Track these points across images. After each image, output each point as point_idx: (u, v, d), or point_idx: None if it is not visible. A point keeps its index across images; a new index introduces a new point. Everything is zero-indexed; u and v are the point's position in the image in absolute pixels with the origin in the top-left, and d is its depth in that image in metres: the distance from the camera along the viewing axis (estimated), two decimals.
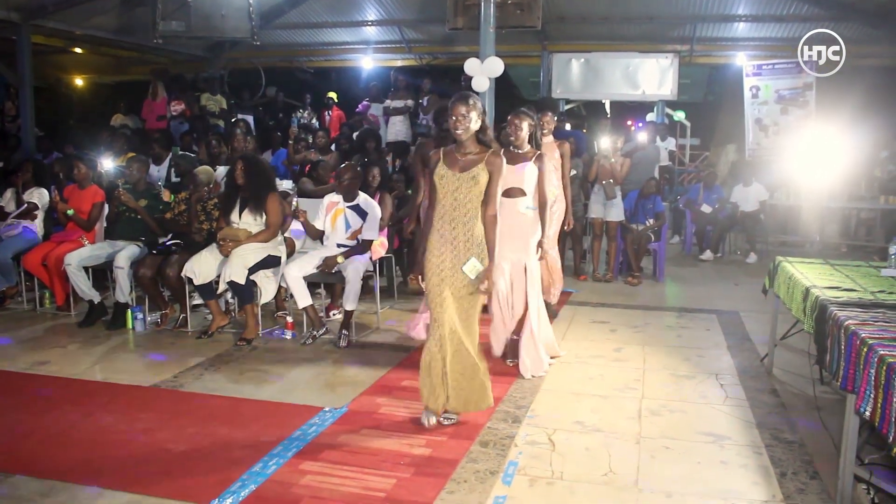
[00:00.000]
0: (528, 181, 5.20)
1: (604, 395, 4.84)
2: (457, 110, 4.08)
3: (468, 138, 4.12)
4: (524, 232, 5.21)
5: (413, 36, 14.12)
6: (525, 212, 5.21)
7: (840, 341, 3.46)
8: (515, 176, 5.15)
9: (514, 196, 5.17)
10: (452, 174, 4.11)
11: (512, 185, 5.13)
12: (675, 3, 11.69)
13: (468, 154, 4.15)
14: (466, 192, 4.09)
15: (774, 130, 12.00)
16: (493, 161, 4.10)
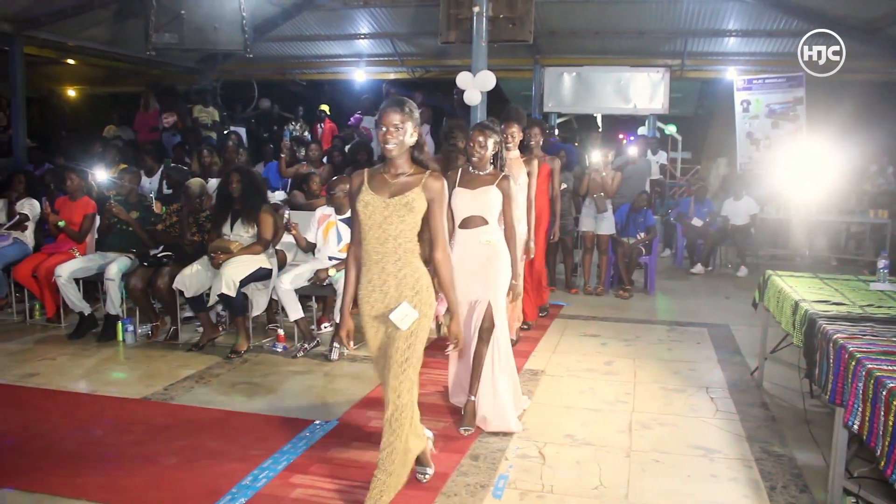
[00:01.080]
0: (490, 209, 4.44)
1: (594, 409, 4.85)
2: (388, 119, 3.23)
3: (400, 155, 3.28)
4: (483, 267, 4.40)
5: (405, 49, 14.18)
6: (485, 244, 4.41)
7: (829, 355, 3.48)
8: (476, 203, 4.44)
9: (474, 226, 4.45)
10: (381, 199, 3.26)
11: (472, 213, 4.45)
12: (666, 17, 11.78)
13: (400, 175, 3.31)
14: (398, 221, 3.25)
15: (765, 144, 12.09)
16: (432, 185, 3.27)
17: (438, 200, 3.29)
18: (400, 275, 3.29)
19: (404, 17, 12.79)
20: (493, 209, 4.45)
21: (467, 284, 4.29)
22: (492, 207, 4.44)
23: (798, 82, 11.66)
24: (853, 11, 10.46)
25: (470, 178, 4.49)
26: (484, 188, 4.43)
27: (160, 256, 6.50)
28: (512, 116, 5.85)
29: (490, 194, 4.43)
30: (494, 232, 4.48)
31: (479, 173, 4.48)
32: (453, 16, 8.97)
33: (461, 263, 4.21)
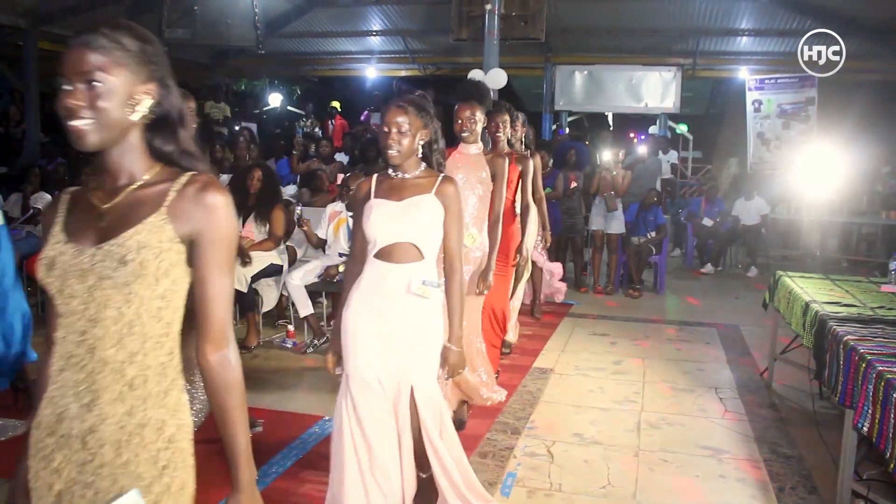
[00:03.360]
0: (426, 231, 2.91)
1: (603, 408, 4.85)
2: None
3: None
4: (410, 333, 2.90)
5: (417, 46, 14.19)
6: (418, 292, 2.87)
7: (839, 356, 3.47)
8: (404, 221, 2.89)
9: (399, 259, 2.89)
10: None
11: (396, 237, 2.88)
12: (678, 16, 11.75)
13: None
14: None
15: (776, 144, 12.02)
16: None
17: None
18: None
19: (416, 14, 12.80)
20: (429, 232, 2.92)
21: (375, 352, 2.87)
22: (428, 229, 2.91)
23: (810, 83, 11.58)
24: (866, 11, 10.42)
25: (392, 183, 2.96)
26: (415, 198, 2.90)
27: None
28: (471, 94, 4.25)
29: (424, 207, 2.89)
30: (432, 273, 2.93)
31: (405, 176, 2.94)
32: (465, 13, 8.99)
33: (370, 315, 2.89)
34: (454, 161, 4.05)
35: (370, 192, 2.98)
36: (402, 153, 2.87)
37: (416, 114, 2.90)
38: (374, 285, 2.90)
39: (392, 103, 2.93)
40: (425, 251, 2.90)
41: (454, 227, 2.97)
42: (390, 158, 2.88)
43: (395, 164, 2.91)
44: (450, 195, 2.93)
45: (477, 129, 4.18)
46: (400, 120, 2.86)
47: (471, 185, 4.10)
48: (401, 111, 2.88)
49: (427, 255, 2.91)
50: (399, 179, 2.95)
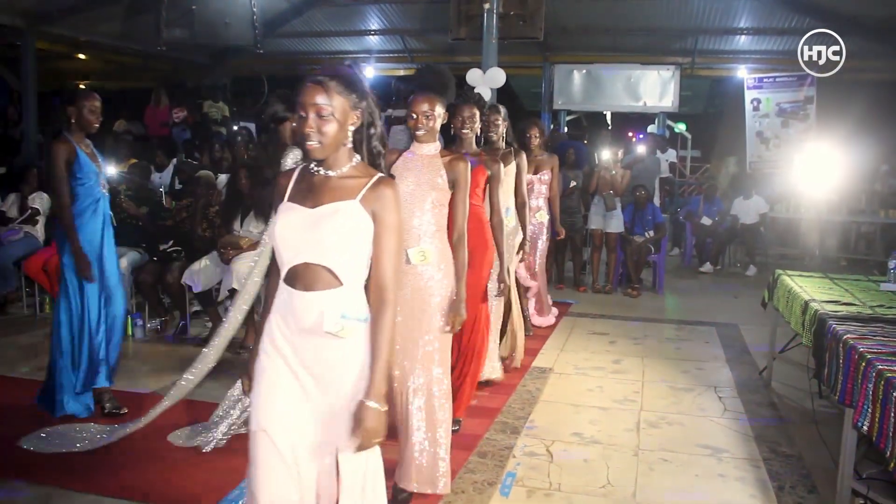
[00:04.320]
0: (343, 248, 2.22)
1: (602, 407, 4.85)
2: None
3: None
4: (328, 380, 2.27)
5: (415, 45, 14.17)
6: (335, 329, 2.21)
7: (838, 355, 3.47)
8: (315, 234, 2.22)
9: (311, 286, 2.23)
10: None
11: (307, 256, 2.23)
12: (676, 15, 11.75)
13: None
14: None
15: (775, 143, 12.04)
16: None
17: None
18: None
19: (414, 13, 12.79)
20: (348, 250, 2.22)
21: (286, 410, 2.27)
22: (346, 246, 2.22)
23: (809, 81, 11.61)
24: (865, 10, 10.42)
25: (312, 183, 2.29)
26: (333, 205, 2.22)
27: (170, 251, 6.53)
28: (429, 83, 3.80)
29: (342, 217, 2.21)
30: (355, 304, 2.25)
31: (329, 174, 2.27)
32: (464, 12, 8.98)
33: (279, 359, 2.28)
34: (404, 163, 3.50)
35: (285, 190, 2.34)
36: (324, 144, 2.19)
37: (343, 92, 2.20)
38: (283, 319, 2.28)
39: (308, 79, 2.22)
40: (343, 275, 2.21)
41: (388, 244, 2.24)
42: (311, 152, 2.22)
43: (317, 159, 2.26)
44: (383, 202, 2.22)
45: (434, 125, 3.51)
46: (320, 101, 2.17)
47: (422, 193, 3.43)
48: (319, 89, 2.18)
49: (347, 280, 2.21)
50: (321, 178, 2.27)
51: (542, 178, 6.51)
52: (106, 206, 4.52)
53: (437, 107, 3.49)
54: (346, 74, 2.26)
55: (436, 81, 3.79)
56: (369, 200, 2.22)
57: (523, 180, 5.42)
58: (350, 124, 2.25)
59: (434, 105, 3.48)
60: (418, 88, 3.61)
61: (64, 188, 4.26)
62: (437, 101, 3.50)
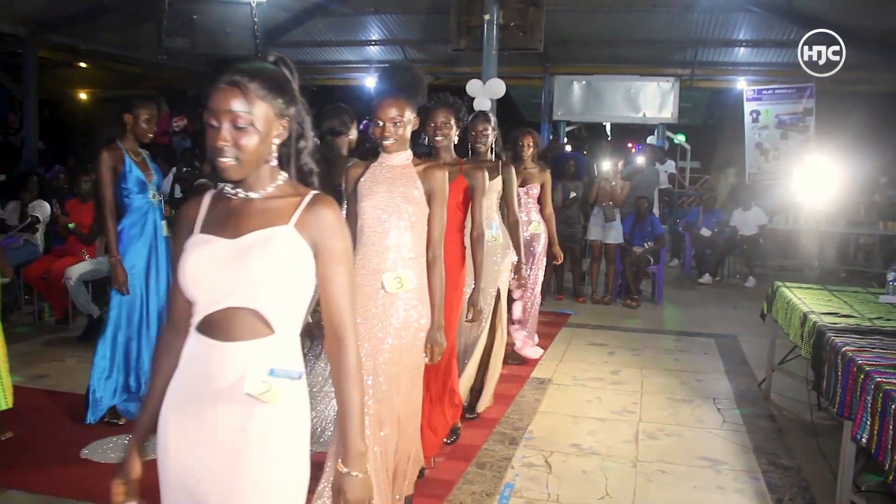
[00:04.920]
0: (271, 287, 1.73)
1: (601, 418, 4.84)
2: None
3: None
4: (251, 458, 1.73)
5: (416, 56, 14.20)
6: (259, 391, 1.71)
7: (837, 367, 3.47)
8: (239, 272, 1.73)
9: (229, 334, 1.73)
10: None
11: (226, 300, 1.73)
12: (676, 27, 11.79)
13: None
14: None
15: (774, 155, 12.06)
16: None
17: None
18: None
19: (415, 23, 12.82)
20: (282, 288, 1.75)
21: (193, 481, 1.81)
22: (279, 283, 1.74)
23: (808, 93, 11.65)
24: (864, 22, 10.44)
25: (230, 208, 1.83)
26: (260, 234, 1.76)
27: None
28: (396, 84, 3.36)
29: (272, 248, 1.74)
30: (288, 357, 1.78)
31: (251, 196, 1.81)
32: (464, 23, 8.99)
33: (189, 436, 1.77)
34: (372, 176, 3.08)
35: (195, 221, 1.84)
36: (242, 162, 1.73)
37: (266, 95, 1.74)
38: (195, 379, 1.74)
39: (223, 80, 1.74)
40: (275, 320, 1.72)
41: (338, 278, 1.78)
42: (225, 170, 1.73)
43: (233, 179, 1.77)
44: (324, 226, 1.76)
45: (404, 132, 3.07)
46: (237, 107, 1.71)
47: (396, 209, 3.02)
48: (236, 92, 1.71)
49: (279, 326, 1.73)
50: (241, 202, 1.80)
51: (530, 191, 5.99)
52: (157, 218, 4.44)
53: (406, 111, 3.05)
54: (270, 73, 1.79)
55: (404, 82, 3.27)
56: (306, 225, 1.76)
57: (513, 197, 4.93)
58: (275, 136, 1.79)
59: (403, 109, 3.04)
60: (384, 90, 3.17)
61: (108, 194, 4.22)
62: (406, 104, 3.05)
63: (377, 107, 3.06)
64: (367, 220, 3.03)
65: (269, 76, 1.78)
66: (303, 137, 1.88)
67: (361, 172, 3.14)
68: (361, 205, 3.06)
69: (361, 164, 3.19)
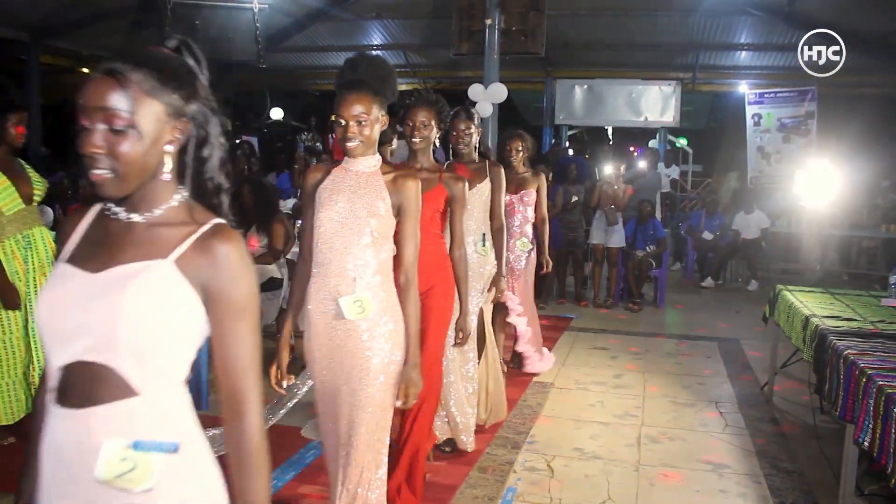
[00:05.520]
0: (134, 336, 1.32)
1: (603, 422, 4.84)
2: None
3: None
4: None
5: (417, 61, 14.25)
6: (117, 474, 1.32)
7: (839, 371, 3.47)
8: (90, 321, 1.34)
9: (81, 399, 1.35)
10: None
11: (72, 354, 1.36)
12: (678, 31, 11.80)
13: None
14: None
15: (776, 158, 12.06)
16: None
17: None
18: None
19: (417, 28, 12.86)
20: (151, 338, 1.34)
21: None
22: (145, 332, 1.33)
23: (810, 96, 11.65)
24: (866, 25, 10.44)
25: (108, 232, 1.44)
26: (127, 268, 1.37)
27: None
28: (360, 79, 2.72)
29: (137, 289, 1.34)
30: (158, 426, 1.37)
31: (134, 219, 1.42)
32: (466, 28, 9.02)
33: None
34: (333, 183, 2.69)
35: (66, 244, 1.46)
36: (120, 174, 1.33)
37: (153, 89, 1.35)
38: (58, 467, 1.37)
39: (99, 66, 1.36)
40: (140, 379, 1.34)
41: (235, 335, 1.40)
42: (99, 185, 1.35)
43: (110, 196, 1.38)
44: (220, 267, 1.37)
45: (371, 133, 2.67)
46: (113, 104, 1.32)
47: (357, 223, 2.63)
48: (113, 84, 1.33)
49: (147, 386, 1.34)
50: (120, 225, 1.41)
51: (524, 198, 5.51)
52: None
53: (373, 109, 2.64)
54: (161, 60, 1.40)
55: (370, 73, 2.77)
56: (194, 263, 1.37)
57: (500, 200, 4.50)
58: (167, 142, 1.39)
59: (370, 105, 2.63)
60: (347, 84, 2.70)
61: None
62: (373, 100, 2.65)
63: (338, 103, 2.65)
64: (324, 235, 2.65)
65: (160, 64, 1.38)
66: (206, 144, 1.47)
67: (321, 177, 2.74)
68: (318, 216, 2.66)
69: (321, 168, 2.82)
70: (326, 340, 2.67)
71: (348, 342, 2.63)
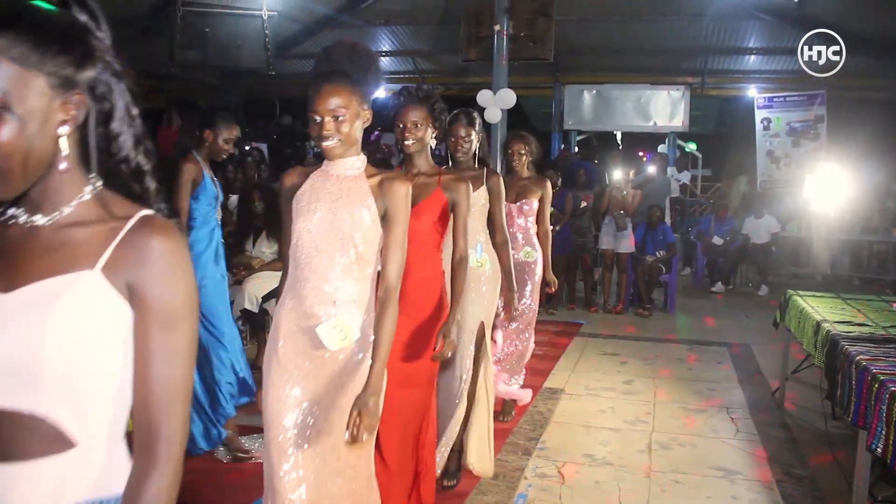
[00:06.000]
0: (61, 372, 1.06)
1: (614, 428, 4.83)
2: None
3: None
4: None
5: (426, 67, 14.27)
6: None
7: (851, 377, 3.45)
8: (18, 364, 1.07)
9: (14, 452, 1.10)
10: None
11: None
12: (686, 35, 11.79)
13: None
14: None
15: (786, 162, 12.04)
16: None
17: None
18: None
19: (425, 34, 12.88)
20: (89, 373, 1.10)
21: None
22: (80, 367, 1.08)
23: (819, 100, 11.62)
24: (875, 29, 10.42)
25: (8, 240, 1.14)
26: (45, 285, 1.09)
27: None
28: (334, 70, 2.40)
29: (64, 310, 1.07)
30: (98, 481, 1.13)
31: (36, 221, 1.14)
32: (474, 34, 9.04)
33: None
34: (312, 189, 2.38)
35: None
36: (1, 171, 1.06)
37: (28, 56, 1.06)
38: None
39: None
40: (77, 427, 1.10)
41: (161, 349, 1.12)
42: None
43: None
44: (148, 263, 1.12)
45: (351, 130, 2.34)
46: None
47: (339, 236, 2.31)
48: None
49: (85, 435, 1.11)
50: (22, 231, 1.15)
51: (524, 207, 4.95)
52: (219, 237, 4.23)
53: (353, 102, 2.31)
54: (38, 19, 1.09)
55: (350, 63, 2.40)
56: (122, 267, 1.10)
57: (501, 211, 4.01)
58: (59, 122, 1.10)
59: (349, 99, 2.30)
60: (322, 75, 2.37)
61: (185, 206, 4.03)
62: (352, 93, 2.32)
63: (312, 96, 2.31)
64: (301, 250, 2.33)
65: (35, 24, 1.07)
66: (112, 118, 1.18)
67: (299, 182, 2.42)
68: (295, 227, 2.35)
69: (298, 171, 2.48)
70: (301, 361, 2.32)
71: (321, 374, 2.30)
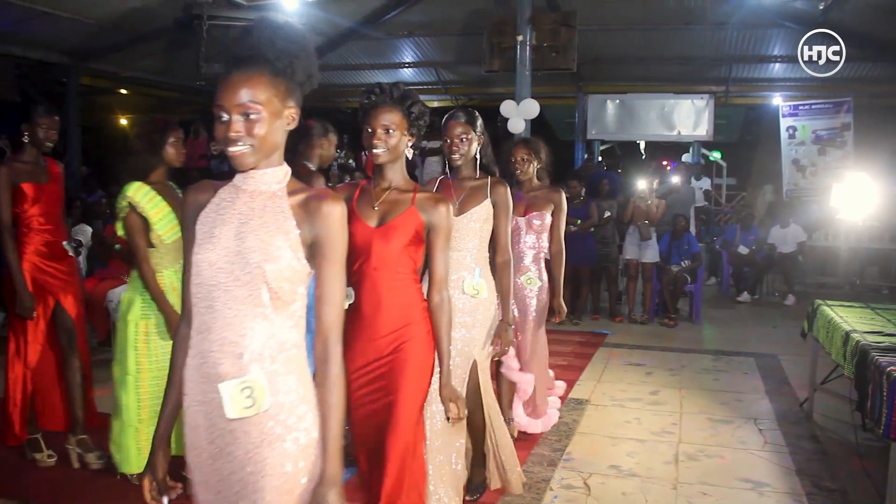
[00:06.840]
0: None
1: (640, 439, 4.80)
2: None
3: None
4: None
5: (449, 77, 14.33)
6: None
7: (882, 388, 3.42)
8: None
9: None
10: None
11: None
12: (710, 44, 11.75)
13: None
14: None
15: (812, 171, 11.94)
16: None
17: None
18: None
19: (448, 45, 12.94)
20: None
21: None
22: None
23: (846, 108, 11.53)
24: None
25: None
26: None
27: None
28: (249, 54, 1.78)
29: None
30: None
31: None
32: (497, 45, 9.07)
33: None
34: (218, 209, 1.85)
35: None
36: None
37: None
38: None
39: None
40: None
41: None
42: None
43: None
44: None
45: (268, 132, 1.77)
46: None
47: (246, 272, 1.75)
48: None
49: None
50: None
51: (534, 223, 4.41)
52: None
53: (272, 97, 1.77)
54: None
55: (271, 47, 1.78)
56: None
57: (506, 227, 3.53)
58: None
59: (266, 92, 1.75)
60: (234, 61, 1.77)
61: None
62: (271, 84, 1.76)
63: (219, 87, 1.75)
64: (201, 288, 1.77)
65: None
66: None
67: (205, 199, 1.87)
68: (195, 258, 1.79)
69: (207, 186, 1.90)
70: (207, 444, 1.78)
71: (236, 448, 1.74)
